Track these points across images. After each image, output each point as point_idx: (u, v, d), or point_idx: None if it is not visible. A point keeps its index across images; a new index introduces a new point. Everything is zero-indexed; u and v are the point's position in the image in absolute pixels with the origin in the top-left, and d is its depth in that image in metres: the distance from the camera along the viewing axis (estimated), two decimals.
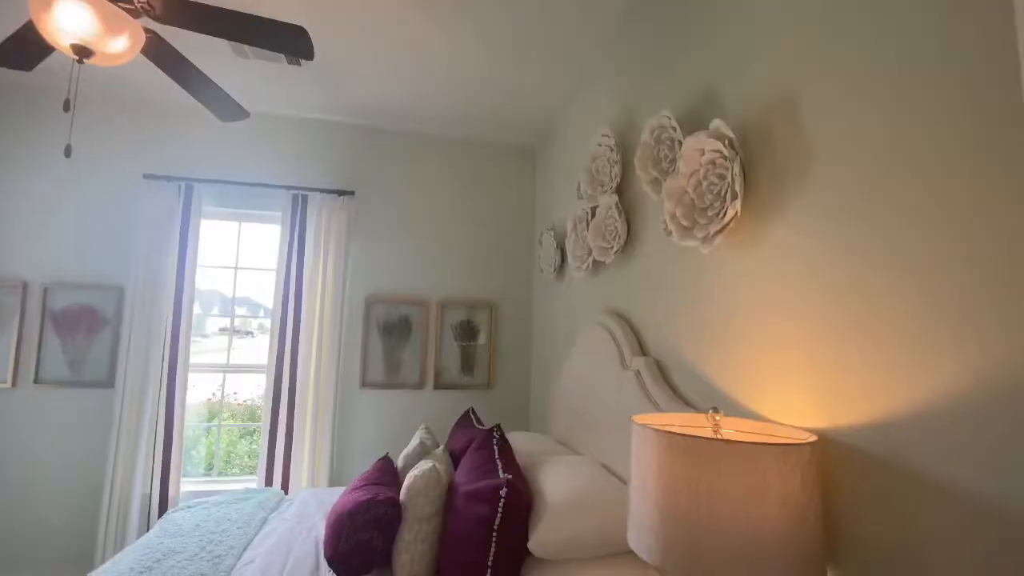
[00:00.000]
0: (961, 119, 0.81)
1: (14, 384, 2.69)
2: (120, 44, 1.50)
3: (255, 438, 4.12)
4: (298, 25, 1.63)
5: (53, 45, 1.47)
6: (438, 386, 3.17)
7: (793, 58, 1.19)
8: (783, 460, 0.90)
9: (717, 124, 1.31)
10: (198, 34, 2.14)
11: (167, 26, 2.02)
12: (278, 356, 2.88)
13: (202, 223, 2.95)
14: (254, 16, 1.61)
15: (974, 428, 0.78)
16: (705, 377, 1.46)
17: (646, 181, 1.69)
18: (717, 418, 1.07)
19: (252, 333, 4.97)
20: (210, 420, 3.88)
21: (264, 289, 3.28)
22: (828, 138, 1.07)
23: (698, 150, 1.36)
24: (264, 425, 2.84)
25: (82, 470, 2.72)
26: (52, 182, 2.84)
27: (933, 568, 0.83)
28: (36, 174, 2.82)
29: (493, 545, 1.41)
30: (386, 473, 1.91)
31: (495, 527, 1.41)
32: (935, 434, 0.83)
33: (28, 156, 2.82)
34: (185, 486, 2.86)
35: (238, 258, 3.16)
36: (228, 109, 2.09)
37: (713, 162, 1.33)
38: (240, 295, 3.31)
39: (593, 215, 2.20)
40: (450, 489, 1.67)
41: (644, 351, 1.84)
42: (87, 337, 2.79)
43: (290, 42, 1.68)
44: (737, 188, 1.23)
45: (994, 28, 0.76)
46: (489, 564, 1.40)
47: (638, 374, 1.72)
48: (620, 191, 2.05)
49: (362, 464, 3.04)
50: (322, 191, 3.03)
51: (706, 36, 1.56)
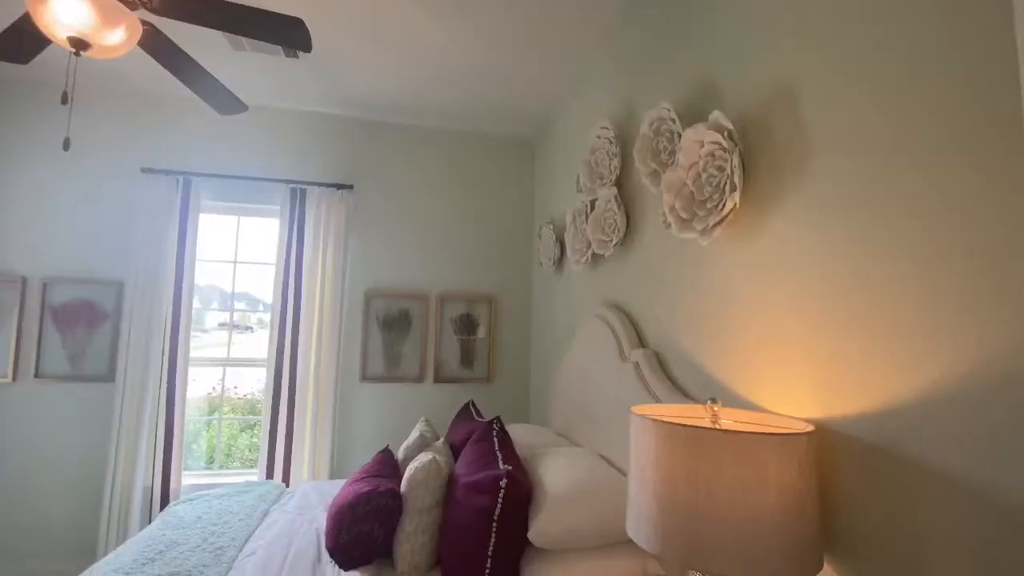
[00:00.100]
0: (960, 111, 0.81)
1: (14, 379, 2.70)
2: (117, 36, 1.50)
3: (255, 432, 4.14)
4: (296, 17, 1.63)
5: (50, 38, 1.46)
6: (438, 379, 3.18)
7: (793, 50, 1.19)
8: (781, 450, 0.91)
9: (716, 116, 1.31)
10: (195, 26, 2.13)
11: (164, 18, 2.01)
12: (278, 350, 2.89)
13: (201, 217, 2.94)
14: (251, 8, 1.60)
15: (971, 417, 0.78)
16: (704, 369, 1.47)
17: (645, 173, 1.69)
18: (715, 409, 1.08)
19: (252, 328, 4.96)
20: (210, 414, 3.89)
21: (263, 284, 3.28)
22: (827, 130, 1.08)
23: (697, 142, 1.36)
24: (264, 419, 2.85)
25: (83, 463, 2.73)
26: (50, 176, 2.83)
27: (930, 556, 0.84)
28: (33, 168, 2.81)
29: (493, 535, 1.42)
30: (387, 465, 1.92)
31: (495, 517, 1.43)
32: (932, 423, 0.84)
33: (25, 150, 2.80)
34: (186, 479, 2.88)
35: (237, 252, 3.16)
36: (226, 102, 2.08)
37: (712, 154, 1.33)
38: (239, 290, 3.31)
39: (592, 208, 2.20)
40: (450, 481, 1.68)
41: (643, 343, 1.84)
42: (87, 332, 2.79)
43: (288, 34, 1.67)
44: (736, 180, 1.23)
45: (994, 21, 0.76)
46: (489, 554, 1.41)
47: (637, 366, 1.73)
48: (619, 184, 2.05)
49: (363, 457, 3.05)
50: (321, 185, 3.03)
51: (706, 28, 1.56)
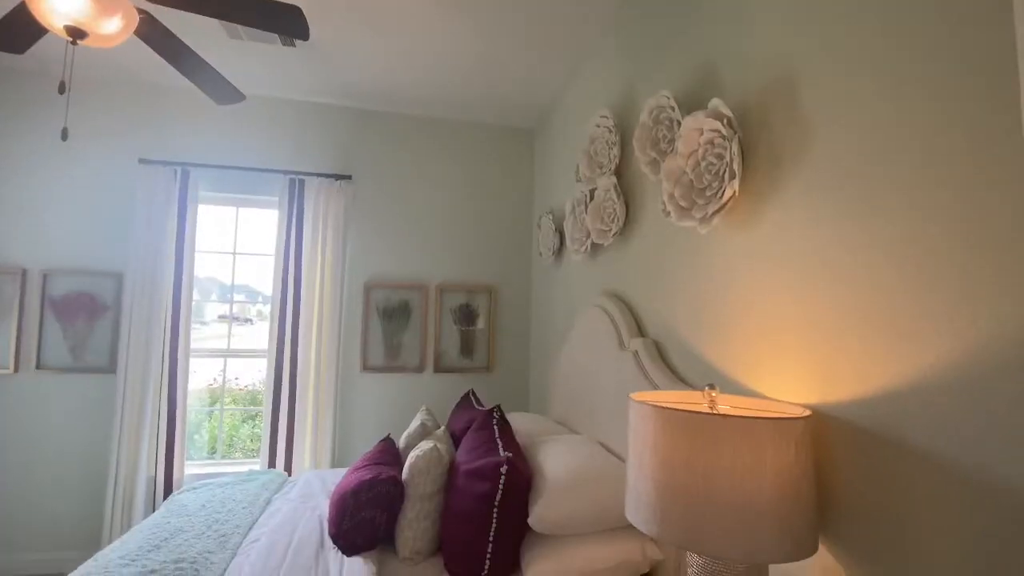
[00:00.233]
0: (961, 99, 0.82)
1: (16, 370, 2.71)
2: (113, 25, 1.49)
3: (257, 422, 4.16)
4: (292, 4, 1.61)
5: (46, 26, 1.45)
6: (438, 370, 3.20)
7: (793, 37, 1.18)
8: (778, 434, 0.92)
9: (716, 103, 1.31)
10: (191, 15, 2.11)
11: (160, 6, 1.99)
12: (278, 341, 2.90)
13: (199, 208, 2.94)
14: None
15: (966, 404, 0.79)
16: (702, 356, 1.48)
17: (645, 162, 1.69)
18: (713, 395, 1.09)
19: (251, 320, 4.97)
20: (212, 404, 3.92)
21: (262, 276, 3.29)
22: (827, 117, 1.08)
23: (697, 130, 1.36)
24: (266, 409, 2.87)
25: (86, 454, 2.75)
26: (48, 167, 2.82)
27: (923, 539, 0.85)
28: (31, 159, 2.80)
29: (494, 521, 1.44)
30: (388, 453, 1.93)
31: (496, 503, 1.44)
32: (928, 409, 0.85)
33: (23, 141, 2.79)
34: (189, 469, 2.90)
35: (236, 243, 3.16)
36: (223, 91, 2.07)
37: (712, 142, 1.33)
38: (238, 282, 3.32)
39: (592, 197, 2.20)
40: (451, 468, 1.70)
41: (642, 332, 1.85)
42: (87, 323, 2.80)
43: (284, 22, 1.66)
44: (735, 168, 1.23)
45: (994, 8, 0.76)
46: (490, 539, 1.43)
47: (636, 355, 1.74)
48: (619, 173, 2.05)
49: (364, 446, 3.07)
50: (319, 175, 3.02)
51: (705, 15, 1.55)
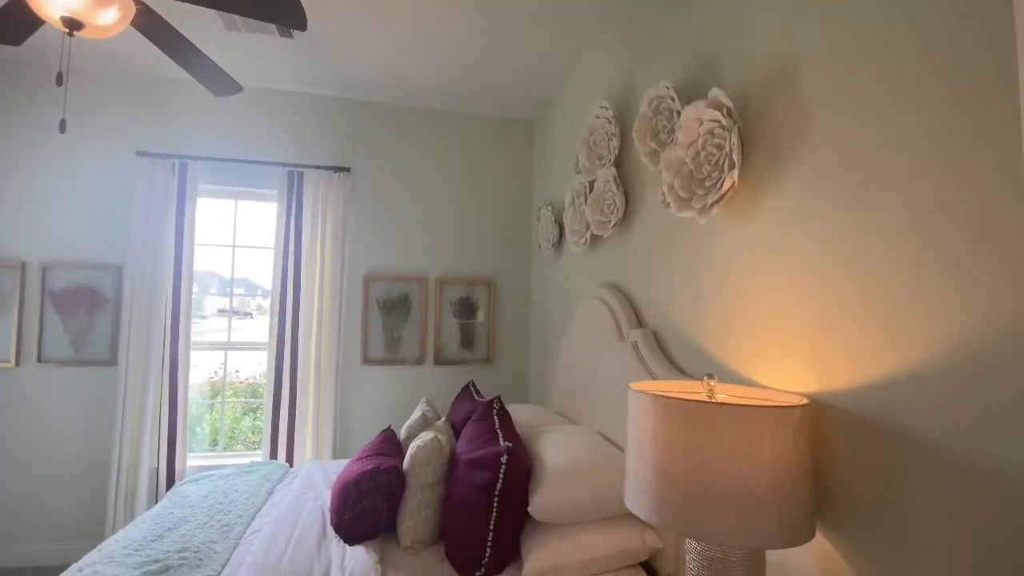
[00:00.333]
0: (960, 87, 0.82)
1: (17, 363, 2.72)
2: (110, 16, 1.48)
3: (258, 415, 4.18)
4: None
5: (43, 18, 1.44)
6: (438, 362, 3.21)
7: (793, 25, 1.18)
8: (775, 422, 0.93)
9: (716, 93, 1.31)
10: (188, 5, 2.09)
11: None
12: (279, 333, 2.91)
13: (198, 201, 2.93)
14: None
15: (963, 391, 0.80)
16: (701, 347, 1.49)
17: (644, 153, 1.68)
18: (712, 384, 1.10)
19: (251, 314, 4.97)
20: (213, 397, 3.93)
21: (262, 270, 3.28)
22: (827, 106, 1.07)
23: (696, 120, 1.36)
24: (267, 401, 2.88)
25: (89, 446, 2.76)
26: (45, 161, 2.80)
27: (919, 525, 0.86)
28: (28, 153, 2.79)
29: (494, 510, 1.45)
30: (389, 444, 1.95)
31: (496, 492, 1.46)
32: (925, 396, 0.86)
33: (20, 134, 2.78)
34: (191, 461, 2.92)
35: (235, 236, 3.16)
36: (221, 83, 2.06)
37: (711, 132, 1.33)
38: (238, 276, 3.32)
39: (591, 189, 2.19)
40: (452, 458, 1.71)
41: (641, 323, 1.86)
42: (88, 316, 2.80)
43: (281, 12, 1.65)
44: (735, 157, 1.23)
45: None
46: (491, 527, 1.44)
47: (635, 345, 1.75)
48: (618, 164, 2.05)
49: (365, 437, 3.09)
50: (318, 168, 3.01)
51: (705, 5, 1.54)
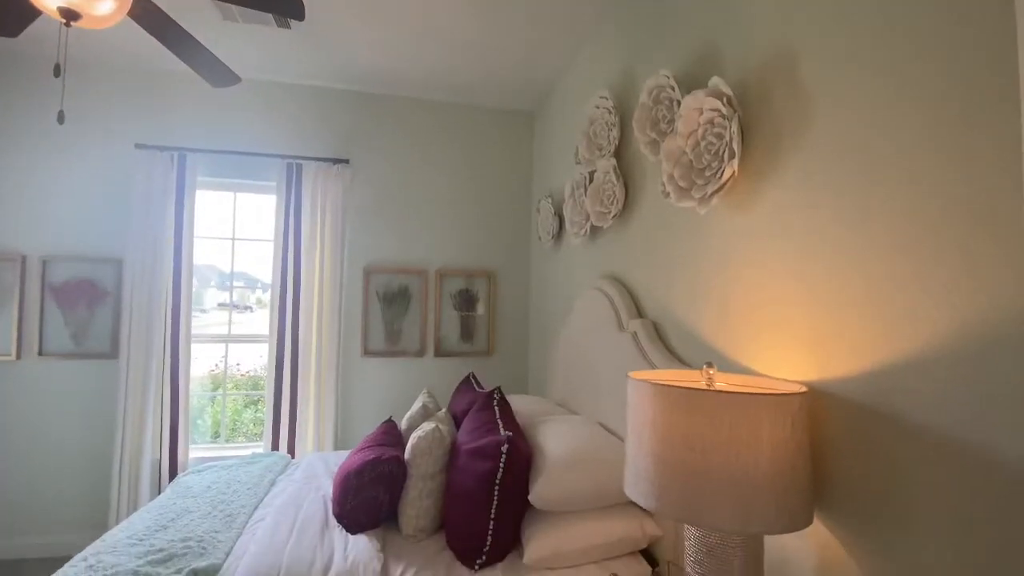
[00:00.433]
0: (960, 73, 0.81)
1: (18, 356, 2.72)
2: (107, 6, 1.47)
3: (259, 407, 4.20)
4: None
5: (40, 8, 1.43)
6: (439, 354, 3.22)
7: (793, 12, 1.17)
8: (774, 410, 0.93)
9: (716, 82, 1.30)
10: None
11: None
12: (279, 325, 2.91)
13: (197, 194, 2.92)
14: None
15: (961, 377, 0.80)
16: (701, 336, 1.49)
17: (644, 143, 1.68)
18: (711, 372, 1.11)
19: (251, 308, 4.98)
20: (214, 390, 3.94)
21: (261, 263, 3.28)
22: (827, 93, 1.07)
23: (696, 109, 1.35)
24: (268, 393, 2.89)
25: (91, 438, 2.78)
26: (43, 153, 2.80)
27: (917, 511, 0.87)
28: (26, 146, 2.78)
29: (495, 498, 1.47)
30: (390, 435, 1.96)
31: (497, 481, 1.47)
32: (925, 384, 0.86)
33: (18, 127, 2.77)
34: (193, 452, 2.93)
35: (235, 228, 3.15)
36: (219, 74, 2.05)
37: (712, 121, 1.32)
38: (237, 270, 3.32)
39: (591, 180, 2.19)
40: (453, 448, 1.72)
41: (641, 314, 1.86)
42: (88, 309, 2.80)
43: (279, 1, 1.64)
44: (735, 147, 1.23)
45: None
46: (492, 516, 1.46)
47: (635, 336, 1.75)
48: (618, 154, 2.04)
49: (366, 429, 3.10)
50: (316, 160, 3.00)
51: None
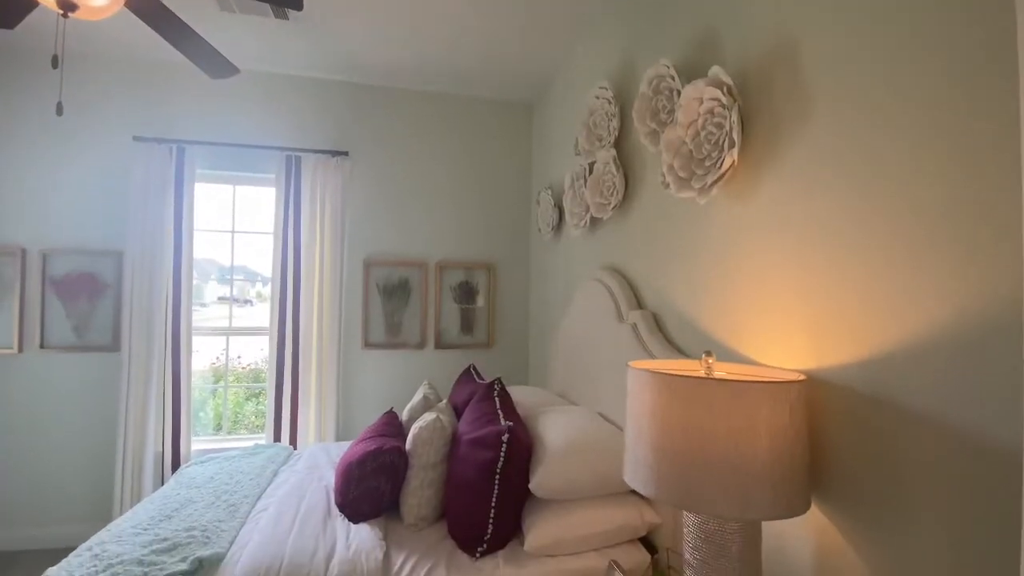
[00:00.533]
0: (962, 60, 0.81)
1: (20, 350, 2.73)
2: None
3: (260, 400, 4.22)
4: None
5: None
6: (439, 346, 3.23)
7: (793, 2, 1.17)
8: (772, 397, 0.94)
9: (716, 71, 1.30)
10: None
11: None
12: (280, 318, 2.92)
13: (196, 187, 2.92)
14: None
15: (958, 363, 0.81)
16: (700, 327, 1.50)
17: (644, 133, 1.68)
18: (710, 361, 1.11)
19: (251, 302, 4.99)
20: (216, 383, 3.96)
21: (261, 257, 3.28)
22: (827, 81, 1.07)
23: (696, 99, 1.35)
24: (269, 386, 2.91)
25: (94, 430, 2.79)
26: (42, 147, 2.79)
27: (914, 496, 0.88)
28: (25, 139, 2.77)
29: (496, 487, 1.48)
30: (392, 426, 1.97)
31: (498, 470, 1.48)
32: (922, 370, 0.87)
33: (15, 121, 2.76)
34: (196, 444, 2.95)
35: (234, 221, 3.15)
36: (217, 65, 2.04)
37: (712, 111, 1.32)
38: (236, 264, 3.32)
39: (591, 171, 2.19)
40: (453, 438, 1.73)
41: (640, 305, 1.87)
42: (89, 302, 2.81)
43: None
44: (735, 136, 1.23)
45: None
46: (493, 505, 1.47)
47: (635, 327, 1.76)
48: (618, 145, 2.04)
49: (367, 421, 3.12)
50: (315, 152, 2.99)
51: None
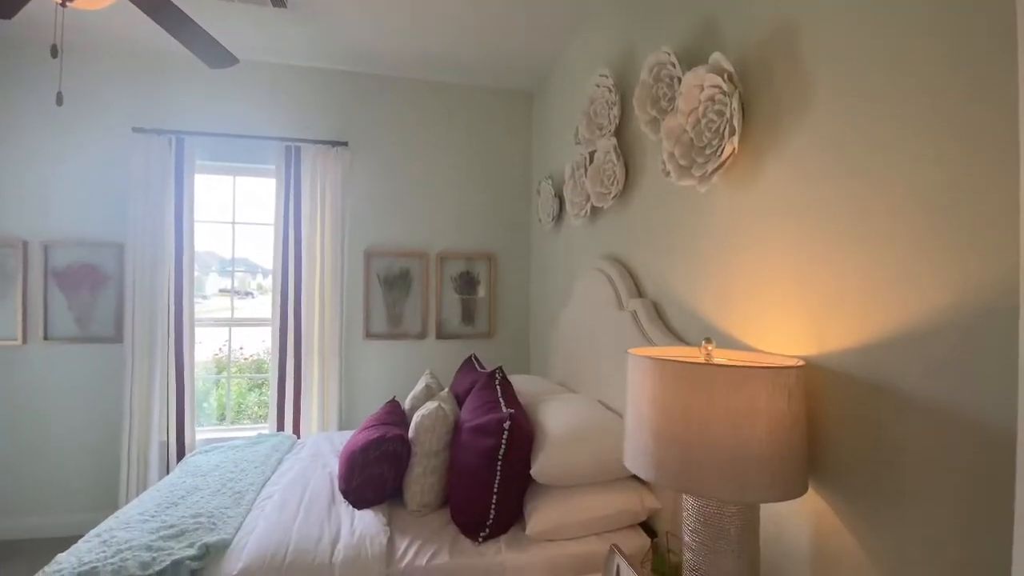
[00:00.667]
0: (962, 46, 0.81)
1: (24, 341, 2.75)
2: None
3: (263, 391, 4.25)
4: None
5: None
6: (440, 336, 3.24)
7: None
8: (771, 382, 0.95)
9: (717, 57, 1.30)
10: None
11: None
12: (281, 309, 2.93)
13: (196, 178, 2.92)
14: None
15: (957, 348, 0.81)
16: (700, 315, 1.51)
17: (644, 121, 1.67)
18: (710, 348, 1.12)
19: (252, 294, 4.99)
20: (219, 374, 3.99)
21: (261, 249, 3.28)
22: (828, 67, 1.07)
23: (697, 86, 1.35)
24: (272, 376, 2.93)
25: (99, 420, 2.82)
26: (41, 139, 2.78)
27: (911, 479, 0.89)
28: (24, 130, 2.76)
29: (498, 474, 1.50)
30: (394, 414, 1.99)
31: (500, 457, 1.50)
32: (920, 355, 0.88)
33: (14, 113, 2.75)
34: (200, 434, 2.98)
35: (235, 212, 3.15)
36: (215, 55, 2.03)
37: (712, 98, 1.32)
38: (237, 256, 3.32)
39: (591, 160, 2.18)
40: (455, 426, 1.75)
41: (641, 293, 1.88)
42: (91, 294, 2.82)
43: None
44: (735, 123, 1.23)
45: None
46: (495, 491, 1.49)
47: (635, 315, 1.77)
48: (619, 134, 2.03)
49: (370, 410, 3.14)
50: (315, 142, 2.99)
51: None
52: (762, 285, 1.25)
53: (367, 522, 1.53)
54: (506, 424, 1.52)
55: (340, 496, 1.71)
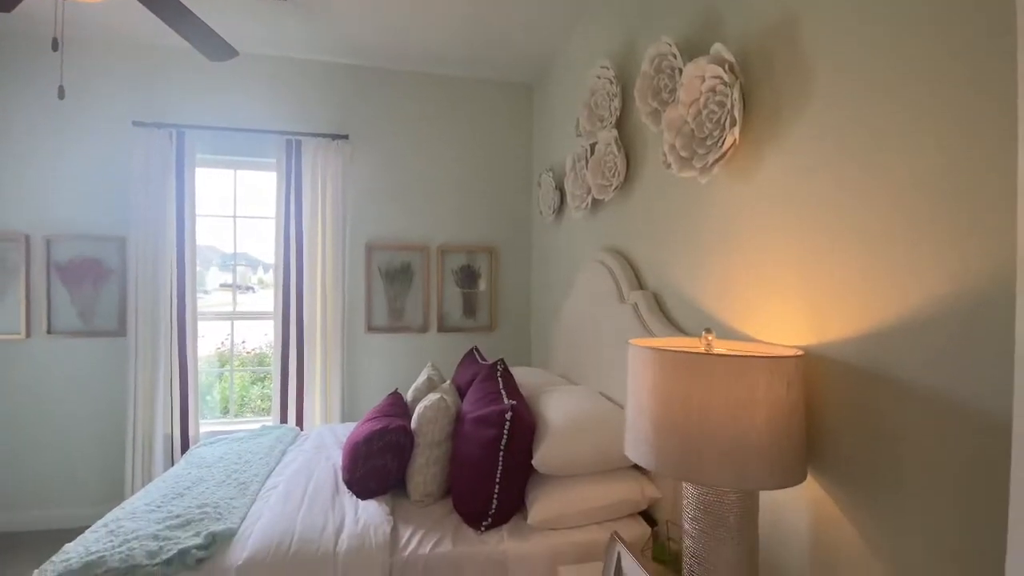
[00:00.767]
0: (963, 34, 0.81)
1: (28, 335, 2.77)
2: None
3: (266, 384, 4.27)
4: None
5: None
6: (441, 329, 3.25)
7: None
8: (770, 372, 0.96)
9: (718, 48, 1.29)
10: None
11: None
12: (283, 302, 2.94)
13: (197, 171, 2.92)
14: None
15: (957, 337, 0.82)
16: (701, 306, 1.51)
17: (645, 113, 1.67)
18: (710, 338, 1.13)
19: (253, 288, 5.01)
20: (222, 367, 4.01)
21: (263, 243, 3.29)
22: (829, 56, 1.07)
23: (698, 77, 1.35)
24: (275, 369, 2.95)
25: (104, 413, 2.84)
26: (42, 133, 2.78)
27: (907, 467, 0.90)
28: (25, 126, 2.76)
29: (500, 464, 1.51)
30: (397, 406, 2.00)
31: (501, 447, 1.51)
32: (920, 344, 0.88)
33: (15, 108, 2.75)
34: (204, 427, 3.00)
35: (236, 206, 3.15)
36: (215, 47, 2.03)
37: (713, 89, 1.32)
38: (238, 251, 3.33)
39: (592, 152, 2.18)
40: (458, 417, 1.76)
41: (642, 285, 1.88)
42: (94, 288, 2.83)
43: None
44: (736, 114, 1.23)
45: None
46: (497, 481, 1.51)
47: (636, 307, 1.78)
48: (619, 126, 2.03)
49: (372, 402, 3.16)
50: (316, 135, 2.98)
51: None
52: (763, 276, 1.25)
53: (371, 512, 1.55)
54: (508, 415, 1.53)
55: (344, 486, 1.73)
